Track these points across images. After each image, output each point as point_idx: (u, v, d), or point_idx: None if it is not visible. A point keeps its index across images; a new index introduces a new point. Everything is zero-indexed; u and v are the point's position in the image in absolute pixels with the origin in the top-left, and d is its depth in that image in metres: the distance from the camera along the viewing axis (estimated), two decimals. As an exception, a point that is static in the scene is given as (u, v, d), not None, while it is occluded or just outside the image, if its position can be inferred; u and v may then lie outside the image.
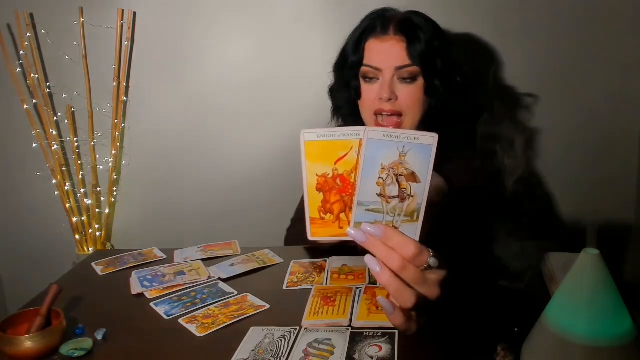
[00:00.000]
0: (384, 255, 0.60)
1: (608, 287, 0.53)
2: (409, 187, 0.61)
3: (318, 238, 0.65)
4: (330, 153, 0.62)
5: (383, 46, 1.05)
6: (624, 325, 0.53)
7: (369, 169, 0.61)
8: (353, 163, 0.62)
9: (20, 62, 1.69)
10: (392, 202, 0.61)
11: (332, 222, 0.64)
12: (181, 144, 1.76)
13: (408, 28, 1.04)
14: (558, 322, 0.54)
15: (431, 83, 1.04)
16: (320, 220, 0.64)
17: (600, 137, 1.58)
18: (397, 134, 0.60)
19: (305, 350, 0.69)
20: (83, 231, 1.79)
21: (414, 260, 0.60)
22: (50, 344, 0.71)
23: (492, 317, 0.73)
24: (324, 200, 0.63)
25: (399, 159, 0.61)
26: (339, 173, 0.62)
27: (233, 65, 1.69)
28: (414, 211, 0.62)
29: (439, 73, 1.04)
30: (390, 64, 1.03)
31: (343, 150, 0.62)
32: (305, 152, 0.62)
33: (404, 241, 0.60)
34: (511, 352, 0.62)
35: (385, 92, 1.03)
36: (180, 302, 0.85)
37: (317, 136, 0.62)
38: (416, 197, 0.61)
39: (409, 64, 1.02)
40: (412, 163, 0.61)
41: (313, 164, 0.63)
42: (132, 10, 1.66)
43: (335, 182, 0.63)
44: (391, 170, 0.61)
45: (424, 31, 1.04)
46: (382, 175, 0.61)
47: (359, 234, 0.61)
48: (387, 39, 1.04)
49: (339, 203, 0.63)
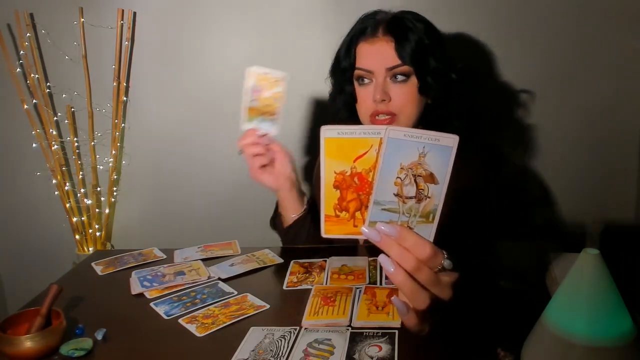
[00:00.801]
0: (399, 256, 0.59)
1: (608, 287, 0.53)
2: (427, 188, 0.61)
3: (332, 235, 0.64)
4: (349, 151, 0.62)
5: (373, 48, 1.05)
6: (624, 325, 0.53)
7: (388, 168, 0.60)
8: (372, 162, 0.61)
9: (20, 62, 1.69)
10: (408, 202, 0.61)
11: (347, 220, 0.63)
12: (181, 143, 1.76)
13: (396, 28, 1.04)
14: (558, 322, 0.54)
15: (424, 81, 1.04)
16: (335, 217, 0.63)
17: (600, 137, 1.58)
18: (418, 135, 0.59)
19: (305, 350, 0.69)
20: (83, 231, 1.79)
21: (429, 261, 0.59)
22: (50, 344, 0.71)
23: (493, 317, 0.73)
24: (340, 197, 0.63)
25: (418, 160, 0.60)
26: (357, 171, 0.62)
27: (233, 64, 1.67)
28: (429, 212, 0.61)
29: (431, 71, 1.04)
30: (381, 65, 1.04)
31: (362, 149, 0.61)
32: (325, 148, 0.62)
33: (419, 242, 0.59)
34: (511, 352, 0.62)
35: (378, 94, 1.03)
36: (180, 302, 0.85)
37: (337, 133, 0.61)
38: (433, 198, 0.61)
39: (400, 64, 1.02)
40: (431, 164, 0.60)
41: (332, 161, 0.62)
42: (132, 10, 1.66)
43: (352, 180, 0.62)
44: (410, 170, 0.60)
45: (414, 30, 1.04)
46: (401, 175, 0.60)
47: (374, 233, 0.60)
48: (377, 40, 1.05)
49: (355, 201, 0.63)
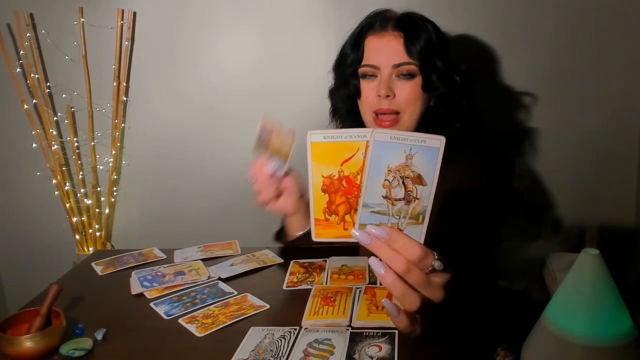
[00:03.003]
0: (389, 258, 0.59)
1: (608, 287, 0.53)
2: (415, 189, 0.61)
3: (322, 239, 0.64)
4: (336, 154, 0.62)
5: (381, 42, 1.05)
6: (624, 325, 0.52)
7: (375, 171, 0.60)
8: (359, 165, 0.61)
9: (20, 62, 1.69)
10: (397, 204, 0.61)
11: (336, 224, 0.63)
12: (181, 143, 1.76)
13: (407, 24, 1.04)
14: (558, 322, 0.54)
15: (429, 80, 1.04)
16: (325, 221, 0.64)
17: (600, 138, 1.58)
18: (403, 137, 0.59)
19: (305, 350, 0.69)
20: (83, 231, 1.79)
21: (419, 263, 0.59)
22: (50, 344, 0.71)
23: (492, 317, 0.73)
24: (329, 201, 0.63)
25: (405, 162, 0.60)
26: (345, 175, 0.62)
27: (233, 65, 1.69)
28: (419, 214, 0.61)
29: (437, 70, 1.04)
30: (388, 61, 1.03)
31: (349, 152, 0.61)
32: (312, 153, 0.62)
33: (409, 244, 0.59)
34: (511, 353, 0.62)
35: (383, 89, 1.02)
36: (180, 302, 0.85)
37: (323, 137, 0.62)
38: (422, 199, 0.61)
39: (407, 62, 1.02)
40: (419, 165, 0.60)
41: (319, 165, 0.62)
42: (132, 10, 1.67)
43: (340, 184, 0.62)
44: (397, 172, 0.60)
45: (424, 28, 1.04)
46: (388, 178, 0.60)
47: (364, 236, 0.60)
48: (386, 34, 1.05)
49: (344, 204, 0.63)
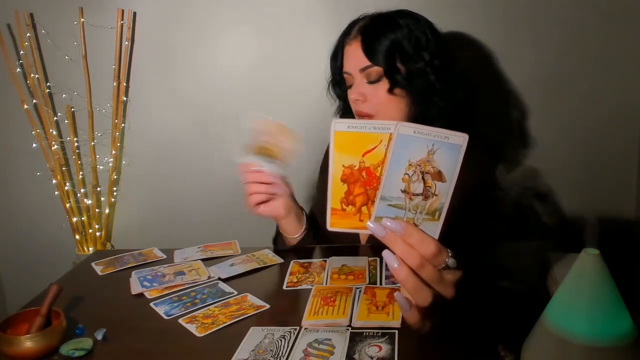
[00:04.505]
0: (403, 252, 0.59)
1: (608, 287, 0.53)
2: (434, 185, 0.60)
3: (337, 229, 0.64)
4: (358, 145, 0.61)
5: (350, 48, 1.07)
6: (624, 325, 0.52)
7: (396, 164, 0.60)
8: (380, 157, 0.61)
9: (20, 62, 1.69)
10: (415, 199, 0.61)
11: (352, 214, 0.63)
12: (181, 143, 1.76)
13: (367, 28, 1.05)
14: (558, 322, 0.54)
15: (394, 81, 1.03)
16: (342, 211, 0.63)
17: (600, 137, 1.58)
18: (427, 132, 0.59)
19: (305, 350, 0.69)
20: (83, 231, 1.79)
21: (433, 259, 0.59)
22: (50, 344, 0.71)
23: (492, 317, 0.73)
24: (347, 191, 0.63)
25: (427, 157, 0.60)
26: (366, 166, 0.62)
27: (233, 65, 1.69)
28: (435, 210, 0.61)
29: (401, 71, 1.02)
30: (354, 66, 1.06)
31: (372, 144, 0.61)
32: (334, 142, 0.62)
33: (424, 239, 0.59)
34: (511, 352, 0.62)
35: (353, 94, 1.06)
36: (180, 302, 0.85)
37: (347, 127, 0.61)
38: (440, 196, 0.61)
39: (369, 65, 1.03)
40: (440, 162, 0.60)
41: (340, 155, 0.62)
42: (132, 10, 1.67)
43: (360, 175, 0.62)
44: (418, 167, 0.60)
45: (393, 29, 1.03)
46: (409, 172, 0.60)
47: (379, 228, 0.60)
48: (352, 42, 1.07)
49: (362, 195, 0.62)
